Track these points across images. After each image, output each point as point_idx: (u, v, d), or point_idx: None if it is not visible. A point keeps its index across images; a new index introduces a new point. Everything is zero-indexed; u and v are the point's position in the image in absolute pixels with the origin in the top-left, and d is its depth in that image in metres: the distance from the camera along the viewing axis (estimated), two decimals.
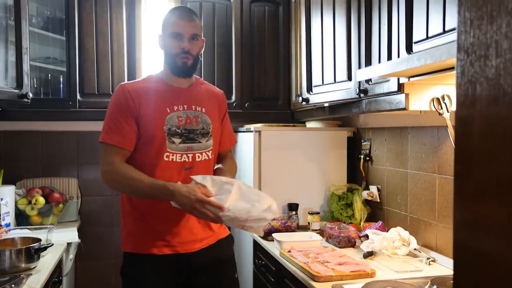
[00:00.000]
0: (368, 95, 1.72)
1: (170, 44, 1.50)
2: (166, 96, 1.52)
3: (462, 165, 0.61)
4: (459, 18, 0.60)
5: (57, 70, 2.49)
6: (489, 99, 0.55)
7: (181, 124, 1.51)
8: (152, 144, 1.47)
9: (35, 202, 2.29)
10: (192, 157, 1.52)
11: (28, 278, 1.53)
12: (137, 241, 1.49)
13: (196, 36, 1.52)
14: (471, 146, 0.59)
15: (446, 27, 1.26)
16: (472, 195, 0.59)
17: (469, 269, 0.58)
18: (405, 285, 1.40)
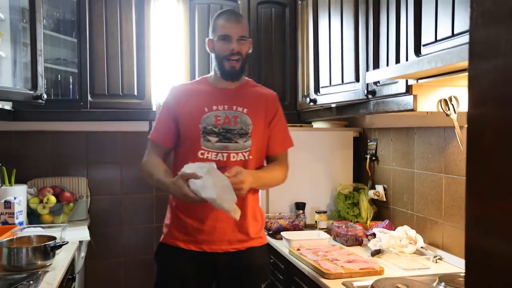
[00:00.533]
0: (376, 96, 1.75)
1: (219, 46, 1.57)
2: (208, 97, 1.59)
3: (474, 165, 0.64)
4: (471, 24, 0.63)
5: (67, 71, 2.52)
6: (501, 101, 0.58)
7: (219, 123, 1.55)
8: (187, 141, 1.56)
9: (47, 201, 2.33)
10: (227, 157, 1.54)
11: (45, 275, 1.57)
12: (168, 233, 1.60)
13: (244, 37, 1.58)
14: (483, 146, 0.62)
15: (455, 30, 1.29)
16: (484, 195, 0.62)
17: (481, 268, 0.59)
18: (414, 282, 1.44)
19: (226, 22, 1.57)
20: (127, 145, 2.71)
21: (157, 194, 2.76)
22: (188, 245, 1.55)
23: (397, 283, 1.42)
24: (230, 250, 1.55)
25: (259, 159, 1.63)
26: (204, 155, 1.54)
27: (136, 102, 2.44)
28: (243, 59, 1.58)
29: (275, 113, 1.67)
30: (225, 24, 1.56)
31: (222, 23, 1.57)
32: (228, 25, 1.56)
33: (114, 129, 2.68)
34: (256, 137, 1.59)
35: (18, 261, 1.60)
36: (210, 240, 1.54)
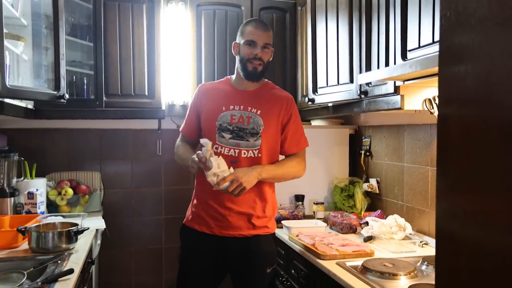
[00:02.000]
0: (368, 96, 1.92)
1: (244, 50, 1.74)
2: (227, 97, 1.78)
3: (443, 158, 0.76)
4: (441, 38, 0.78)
5: (81, 72, 2.70)
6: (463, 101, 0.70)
7: (233, 122, 1.73)
8: (205, 135, 1.75)
9: (65, 193, 2.52)
10: (238, 153, 1.72)
11: (69, 256, 1.75)
12: (189, 215, 1.83)
13: (268, 45, 1.76)
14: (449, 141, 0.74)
15: (435, 38, 1.47)
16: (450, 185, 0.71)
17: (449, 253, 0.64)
18: (400, 261, 1.62)
19: (254, 29, 1.74)
20: (138, 142, 2.89)
21: (165, 188, 2.94)
22: (202, 228, 1.76)
23: (384, 262, 1.59)
24: (238, 236, 1.73)
25: (270, 157, 1.78)
26: (217, 149, 1.72)
27: (146, 102, 2.62)
28: (264, 65, 1.76)
29: (290, 115, 1.82)
30: (253, 31, 1.74)
31: (250, 30, 1.75)
32: (255, 32, 1.74)
33: (126, 127, 2.86)
34: (267, 137, 1.75)
35: (46, 244, 1.79)
36: (221, 226, 1.74)
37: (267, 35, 1.76)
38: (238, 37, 1.80)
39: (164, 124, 2.88)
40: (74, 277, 1.50)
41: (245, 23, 1.82)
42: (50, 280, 1.43)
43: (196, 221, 1.79)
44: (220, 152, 1.72)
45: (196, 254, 1.77)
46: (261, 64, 1.74)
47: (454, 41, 0.69)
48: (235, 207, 1.72)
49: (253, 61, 1.73)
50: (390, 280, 1.47)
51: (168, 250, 2.96)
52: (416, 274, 1.52)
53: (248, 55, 1.73)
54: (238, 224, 1.74)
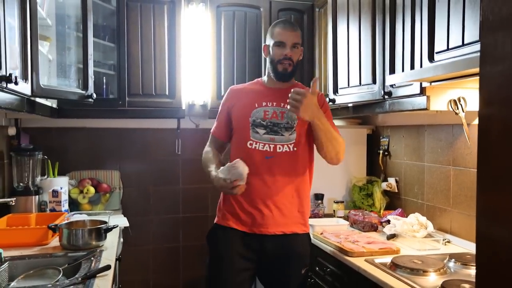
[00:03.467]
0: (392, 97, 1.96)
1: (274, 52, 1.76)
2: (259, 94, 1.80)
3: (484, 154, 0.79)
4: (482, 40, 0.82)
5: (100, 72, 2.73)
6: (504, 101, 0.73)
7: (267, 117, 1.75)
8: (238, 132, 1.78)
9: (86, 191, 2.55)
10: (274, 148, 1.72)
11: (101, 253, 1.78)
12: (221, 215, 1.79)
13: (297, 45, 1.77)
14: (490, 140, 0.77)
15: (465, 40, 1.50)
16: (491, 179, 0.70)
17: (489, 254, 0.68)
18: (428, 258, 1.65)
19: (282, 30, 1.76)
20: (157, 141, 2.92)
21: (184, 186, 2.97)
22: (238, 225, 1.73)
23: (413, 259, 1.63)
24: (275, 233, 1.70)
25: (306, 152, 1.78)
26: (252, 145, 1.73)
27: (167, 101, 2.65)
28: (294, 65, 1.77)
29: (322, 107, 1.75)
30: (281, 32, 1.75)
31: (278, 31, 1.76)
32: (283, 32, 1.75)
33: (145, 126, 2.89)
34: (301, 130, 1.75)
35: (76, 241, 1.82)
36: (257, 223, 1.70)
37: (296, 34, 1.78)
38: (268, 39, 1.82)
39: (183, 123, 2.91)
40: (111, 273, 1.53)
41: (274, 24, 1.83)
42: (90, 276, 1.46)
43: (233, 220, 1.74)
44: (254, 148, 1.73)
45: (235, 254, 1.71)
46: (291, 64, 1.76)
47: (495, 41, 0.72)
48: (273, 202, 1.70)
49: (283, 61, 1.75)
50: (421, 277, 1.50)
51: (185, 249, 2.99)
52: (445, 270, 1.55)
53: (278, 56, 1.75)
54: (278, 221, 1.70)
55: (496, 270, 0.70)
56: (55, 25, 2.35)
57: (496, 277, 0.71)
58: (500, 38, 0.72)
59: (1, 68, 1.29)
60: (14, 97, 1.54)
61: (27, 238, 1.84)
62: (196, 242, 2.96)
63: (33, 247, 1.83)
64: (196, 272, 2.99)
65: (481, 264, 0.74)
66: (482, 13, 0.77)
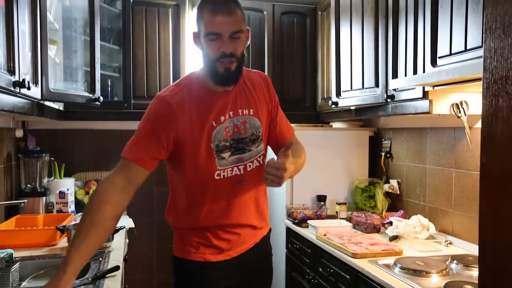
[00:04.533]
0: (395, 100, 1.99)
1: (207, 47, 1.26)
2: (212, 106, 1.32)
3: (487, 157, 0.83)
4: (485, 46, 0.84)
5: (105, 74, 2.76)
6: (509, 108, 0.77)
7: (229, 135, 1.34)
8: (200, 166, 1.33)
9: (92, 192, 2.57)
10: (244, 169, 1.38)
11: (109, 254, 1.81)
12: (195, 250, 1.42)
13: (238, 33, 1.25)
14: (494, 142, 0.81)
15: (468, 46, 1.52)
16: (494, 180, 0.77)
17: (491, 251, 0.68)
18: (431, 259, 1.68)
19: (213, 17, 1.22)
20: None
21: None
22: (218, 257, 1.42)
23: (416, 261, 1.66)
24: (250, 247, 1.48)
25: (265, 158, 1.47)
26: (220, 175, 1.35)
27: None
28: (238, 60, 1.28)
29: (274, 98, 1.49)
30: (213, 20, 1.22)
31: (208, 18, 1.23)
32: (216, 20, 1.22)
33: None
34: (266, 137, 1.45)
35: None
36: (236, 245, 1.45)
37: (234, 19, 1.24)
38: (197, 25, 1.29)
39: None
40: (120, 273, 1.57)
41: (200, 4, 1.27)
42: (99, 277, 1.49)
43: (210, 252, 1.41)
44: (223, 177, 1.35)
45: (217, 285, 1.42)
46: (233, 61, 1.27)
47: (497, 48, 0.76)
48: (248, 220, 1.45)
49: (222, 60, 1.25)
50: (424, 278, 1.53)
51: None
52: (447, 272, 1.58)
53: (213, 54, 1.26)
54: (251, 234, 1.48)
55: (499, 273, 0.71)
56: (62, 29, 2.39)
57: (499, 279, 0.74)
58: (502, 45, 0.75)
59: (15, 74, 1.32)
60: (25, 101, 1.57)
61: (36, 239, 1.88)
62: None
63: (42, 248, 1.86)
64: None
65: (483, 266, 0.76)
66: (484, 18, 0.81)
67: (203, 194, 1.38)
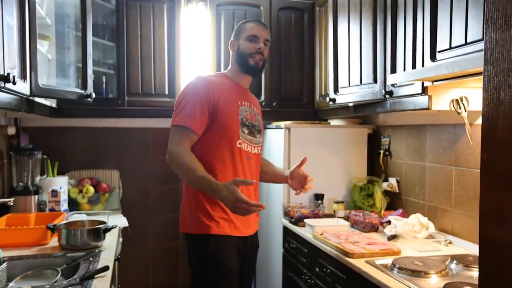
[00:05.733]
0: (393, 96, 1.94)
1: (245, 45, 1.71)
2: (236, 91, 1.73)
3: (488, 153, 0.80)
4: (485, 38, 0.80)
5: (100, 71, 2.72)
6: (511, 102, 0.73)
7: (248, 117, 1.72)
8: (228, 131, 1.64)
9: (86, 191, 2.54)
10: (251, 149, 1.72)
11: (100, 253, 1.77)
12: (216, 224, 1.62)
13: (268, 42, 1.77)
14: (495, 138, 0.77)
15: (468, 39, 1.48)
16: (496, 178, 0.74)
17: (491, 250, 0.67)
18: (430, 260, 1.64)
19: (256, 25, 1.75)
20: (156, 141, 2.91)
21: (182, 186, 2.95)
22: (234, 231, 1.64)
23: (414, 261, 1.61)
24: (252, 233, 1.75)
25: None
26: (241, 145, 1.66)
27: (166, 101, 2.64)
28: (263, 60, 1.75)
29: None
30: (255, 27, 1.74)
31: (251, 26, 1.74)
32: (257, 27, 1.74)
33: (145, 126, 2.88)
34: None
35: (75, 241, 1.80)
36: (246, 225, 1.69)
37: (267, 32, 1.78)
38: (236, 35, 1.77)
39: None
40: (110, 274, 1.52)
41: (243, 22, 1.80)
42: (88, 277, 1.45)
43: (228, 227, 1.63)
44: (241, 148, 1.67)
45: (235, 263, 1.66)
46: (261, 59, 1.73)
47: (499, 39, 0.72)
48: (251, 198, 1.65)
49: (255, 55, 1.71)
50: (422, 279, 1.49)
51: (185, 248, 2.96)
52: (447, 272, 1.54)
53: (250, 49, 1.71)
54: (255, 219, 1.77)
55: (499, 273, 0.68)
56: (54, 24, 2.34)
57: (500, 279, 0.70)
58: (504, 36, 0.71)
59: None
60: (12, 96, 1.53)
61: (26, 238, 1.84)
62: None
63: (32, 247, 1.82)
64: None
65: (484, 266, 0.72)
66: (485, 8, 0.76)
67: (224, 159, 1.63)
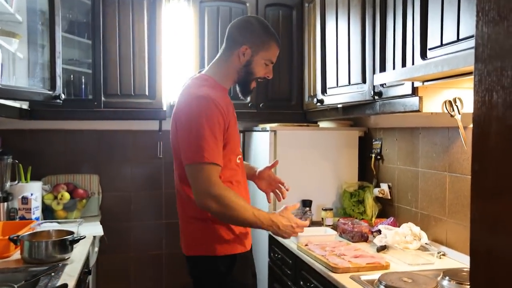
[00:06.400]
0: (382, 97, 1.81)
1: (259, 68, 1.55)
2: (232, 105, 1.58)
3: (480, 163, 0.69)
4: (477, 32, 0.69)
5: (79, 71, 2.59)
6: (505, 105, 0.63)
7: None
8: (235, 151, 1.55)
9: (61, 197, 2.40)
10: (241, 161, 1.61)
11: (64, 267, 1.64)
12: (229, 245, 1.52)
13: None
14: (488, 146, 0.67)
15: (460, 35, 1.35)
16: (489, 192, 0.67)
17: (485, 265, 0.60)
18: (419, 276, 1.50)
19: (278, 49, 1.59)
20: (138, 144, 2.78)
21: (166, 191, 2.83)
22: (243, 248, 1.56)
23: (403, 277, 1.48)
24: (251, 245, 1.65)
25: None
26: (238, 160, 1.58)
27: (147, 102, 2.51)
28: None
29: None
30: (277, 51, 1.59)
31: (275, 49, 1.58)
32: (277, 51, 1.60)
33: (125, 128, 2.75)
34: None
35: (39, 254, 1.67)
36: (248, 238, 1.61)
37: None
38: (255, 45, 1.53)
39: (165, 125, 2.77)
40: None
41: (271, 35, 1.57)
42: None
43: (238, 243, 1.54)
44: (239, 162, 1.60)
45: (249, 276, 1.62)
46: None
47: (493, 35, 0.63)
48: None
49: (260, 80, 1.61)
50: None
51: (169, 256, 2.85)
52: None
53: (261, 74, 1.58)
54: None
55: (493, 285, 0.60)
56: (26, 21, 2.21)
57: None
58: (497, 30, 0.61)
59: None
60: None
61: None
62: (180, 250, 2.80)
63: None
64: (179, 281, 2.85)
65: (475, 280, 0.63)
66: (476, 1, 0.66)
67: (236, 176, 1.55)
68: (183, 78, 2.65)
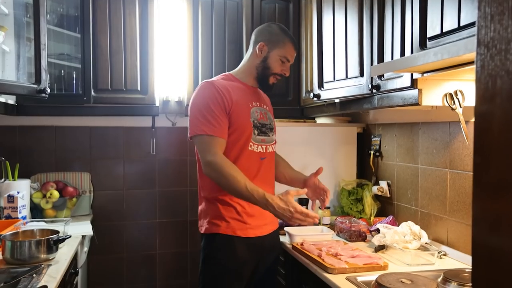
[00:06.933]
0: (381, 90, 1.74)
1: (275, 64, 1.71)
2: (246, 93, 1.71)
3: (482, 156, 0.63)
4: (479, 13, 0.62)
5: (70, 66, 2.52)
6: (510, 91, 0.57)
7: (258, 117, 1.71)
8: (240, 134, 1.63)
9: (50, 195, 2.33)
10: (265, 148, 1.70)
11: (48, 268, 1.57)
12: (226, 225, 1.61)
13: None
14: (491, 136, 0.61)
15: (462, 23, 1.28)
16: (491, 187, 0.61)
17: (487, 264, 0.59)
18: (419, 277, 1.43)
19: (293, 50, 1.74)
20: (130, 141, 2.70)
21: (160, 189, 2.75)
22: (245, 233, 1.61)
23: (401, 278, 1.41)
24: (271, 231, 1.72)
25: None
26: (251, 147, 1.66)
27: (139, 97, 2.44)
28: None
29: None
30: (292, 51, 1.73)
31: (291, 48, 1.72)
32: (293, 52, 1.74)
33: (117, 124, 2.67)
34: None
35: (21, 254, 1.60)
36: (261, 225, 1.66)
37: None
38: (270, 42, 1.70)
39: (159, 121, 2.70)
40: None
41: (285, 33, 1.74)
42: None
43: (239, 228, 1.62)
44: (252, 150, 1.66)
45: (244, 265, 1.64)
46: (278, 80, 1.78)
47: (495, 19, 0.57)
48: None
49: (277, 77, 1.74)
50: None
51: (162, 256, 2.77)
52: None
53: (277, 70, 1.72)
54: (272, 219, 1.70)
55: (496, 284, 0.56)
56: (12, 14, 2.14)
57: None
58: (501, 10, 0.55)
59: None
60: None
61: None
62: (174, 249, 2.74)
63: None
64: (173, 282, 2.77)
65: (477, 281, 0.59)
66: None
67: (235, 162, 1.58)
68: (176, 73, 2.58)
